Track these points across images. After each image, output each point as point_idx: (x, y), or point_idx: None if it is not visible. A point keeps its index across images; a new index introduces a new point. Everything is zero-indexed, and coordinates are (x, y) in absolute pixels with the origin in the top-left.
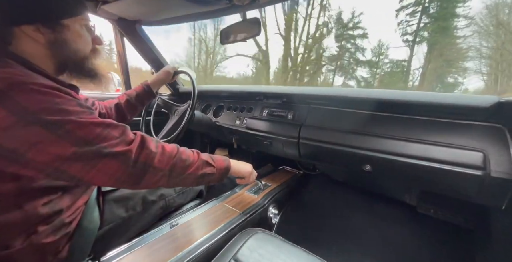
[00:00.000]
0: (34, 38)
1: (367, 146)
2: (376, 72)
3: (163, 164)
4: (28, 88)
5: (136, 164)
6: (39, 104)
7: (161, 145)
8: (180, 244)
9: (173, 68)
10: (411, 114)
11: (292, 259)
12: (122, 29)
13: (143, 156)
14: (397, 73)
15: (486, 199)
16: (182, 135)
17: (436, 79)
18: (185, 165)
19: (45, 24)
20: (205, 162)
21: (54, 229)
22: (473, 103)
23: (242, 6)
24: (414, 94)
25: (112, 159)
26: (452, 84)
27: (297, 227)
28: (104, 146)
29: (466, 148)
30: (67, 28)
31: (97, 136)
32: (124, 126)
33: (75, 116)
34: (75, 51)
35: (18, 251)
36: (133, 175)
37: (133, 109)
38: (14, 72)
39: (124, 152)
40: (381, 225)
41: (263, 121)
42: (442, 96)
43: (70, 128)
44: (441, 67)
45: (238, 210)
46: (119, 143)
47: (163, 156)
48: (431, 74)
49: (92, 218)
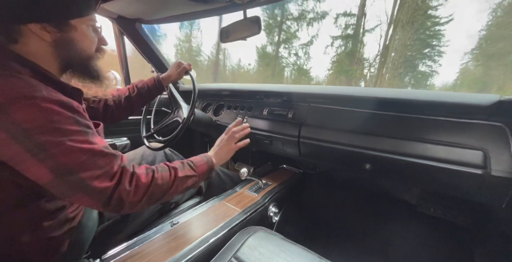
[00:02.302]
0: (41, 37)
1: (367, 145)
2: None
3: (138, 197)
4: (27, 103)
5: (111, 200)
6: (33, 122)
7: (136, 177)
8: (180, 242)
9: (184, 69)
10: (411, 113)
11: (293, 257)
12: (121, 27)
13: (118, 193)
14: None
15: (486, 197)
16: (181, 134)
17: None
18: (162, 189)
19: (53, 23)
20: (183, 177)
21: (60, 224)
22: (474, 102)
23: (242, 4)
24: (415, 93)
25: (87, 194)
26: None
27: (297, 226)
28: (85, 178)
29: (466, 147)
30: (74, 28)
31: (81, 164)
32: (114, 156)
33: (66, 138)
34: (80, 50)
35: (25, 245)
36: (110, 208)
37: (143, 102)
38: (17, 84)
39: (101, 189)
40: (381, 224)
41: (263, 120)
42: (443, 95)
43: (54, 153)
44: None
45: (239, 208)
46: (100, 176)
47: (137, 190)
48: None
49: (91, 215)
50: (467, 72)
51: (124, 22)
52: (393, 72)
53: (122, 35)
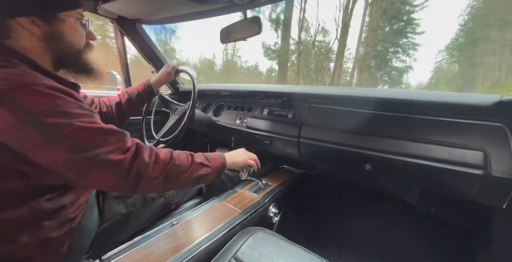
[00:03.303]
0: (30, 31)
1: (367, 145)
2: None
3: (157, 173)
4: (30, 89)
5: (129, 173)
6: (40, 106)
7: (155, 152)
8: (180, 243)
9: (173, 68)
10: (412, 114)
11: (293, 258)
12: (122, 28)
13: (137, 166)
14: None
15: (486, 198)
16: (182, 134)
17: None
18: (179, 170)
19: (41, 17)
20: (199, 164)
21: (60, 224)
22: (474, 102)
23: (242, 5)
24: (414, 93)
25: (105, 168)
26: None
27: (297, 226)
28: (99, 153)
29: (466, 147)
30: (62, 22)
31: (93, 141)
32: (123, 133)
33: (74, 120)
34: (70, 44)
35: (24, 245)
36: (127, 183)
37: (133, 108)
38: (16, 72)
39: (117, 161)
40: (381, 224)
41: (263, 120)
42: (443, 95)
43: (66, 133)
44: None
45: (239, 209)
46: (114, 150)
47: (156, 165)
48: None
49: (91, 216)
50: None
51: (124, 22)
52: (361, 64)
53: (122, 36)
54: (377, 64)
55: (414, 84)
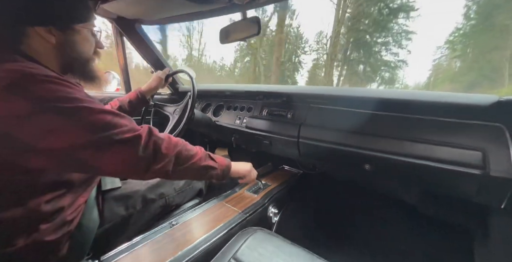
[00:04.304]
0: (46, 39)
1: (366, 145)
2: None
3: (169, 150)
4: (42, 79)
5: (145, 149)
6: (54, 93)
7: (167, 134)
8: (180, 243)
9: (164, 73)
10: (411, 114)
11: (292, 258)
12: (121, 28)
13: (152, 142)
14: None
15: (485, 198)
16: (182, 135)
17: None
18: (189, 154)
19: (58, 27)
20: (207, 154)
21: (56, 228)
22: (473, 102)
23: (242, 5)
24: (414, 93)
25: (123, 145)
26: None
27: (297, 226)
28: (116, 133)
29: (465, 147)
30: (77, 32)
31: (108, 122)
32: (130, 118)
33: (87, 104)
34: (80, 53)
35: (20, 248)
36: (143, 160)
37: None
38: (25, 65)
39: (133, 137)
40: (381, 225)
41: (263, 120)
42: (442, 95)
43: (84, 115)
44: None
45: (238, 209)
46: (129, 130)
47: (169, 143)
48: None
49: (91, 217)
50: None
51: (124, 22)
52: (334, 57)
53: (121, 36)
54: (359, 58)
55: (411, 85)
